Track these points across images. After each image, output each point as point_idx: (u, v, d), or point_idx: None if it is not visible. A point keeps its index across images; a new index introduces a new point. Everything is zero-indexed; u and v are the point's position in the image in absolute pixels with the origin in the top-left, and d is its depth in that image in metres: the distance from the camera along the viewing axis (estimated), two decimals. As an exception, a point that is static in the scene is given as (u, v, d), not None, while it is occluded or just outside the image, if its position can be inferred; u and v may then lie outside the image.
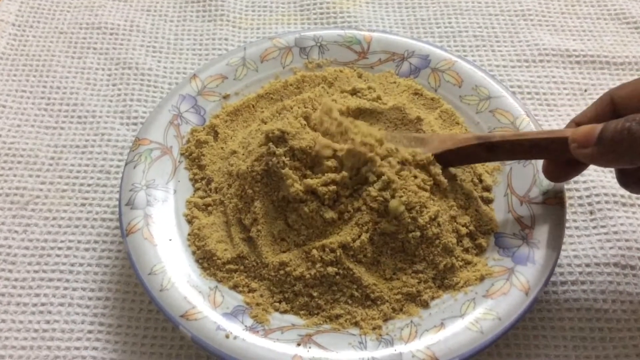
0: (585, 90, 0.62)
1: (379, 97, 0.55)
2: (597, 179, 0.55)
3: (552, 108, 0.61)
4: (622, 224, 0.52)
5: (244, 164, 0.49)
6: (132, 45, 0.66)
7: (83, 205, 0.54)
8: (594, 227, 0.52)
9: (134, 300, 0.49)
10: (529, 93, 0.62)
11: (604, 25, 0.68)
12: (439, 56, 0.58)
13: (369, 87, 0.56)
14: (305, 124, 0.50)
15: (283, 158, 0.47)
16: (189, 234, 0.49)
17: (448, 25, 0.68)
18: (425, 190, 0.47)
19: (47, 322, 0.48)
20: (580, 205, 0.54)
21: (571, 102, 0.61)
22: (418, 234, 0.46)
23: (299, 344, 0.43)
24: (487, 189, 0.51)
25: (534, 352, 0.46)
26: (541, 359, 0.46)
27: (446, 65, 0.57)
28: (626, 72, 0.64)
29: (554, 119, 0.60)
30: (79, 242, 0.52)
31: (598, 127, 0.41)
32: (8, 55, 0.65)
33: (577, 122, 0.46)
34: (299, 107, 0.52)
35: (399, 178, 0.46)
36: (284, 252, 0.47)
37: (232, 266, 0.47)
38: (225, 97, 0.56)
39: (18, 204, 0.54)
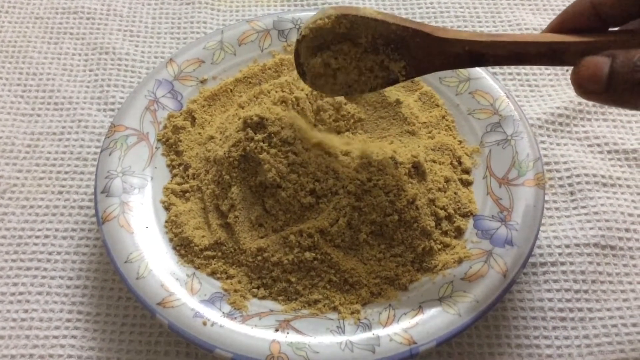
0: (567, 70, 0.62)
1: (358, 80, 0.55)
2: (578, 160, 0.55)
3: (533, 89, 0.60)
4: (602, 205, 0.52)
5: (221, 150, 0.49)
6: (109, 30, 0.65)
7: (60, 193, 0.54)
8: (574, 208, 0.52)
9: (112, 288, 0.49)
10: (510, 74, 0.61)
11: (586, 4, 0.67)
12: (419, 37, 0.57)
13: (348, 70, 0.55)
14: (285, 109, 0.49)
15: (261, 144, 0.46)
16: (166, 221, 0.48)
17: (430, 5, 0.67)
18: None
19: (25, 311, 0.48)
20: (561, 186, 0.54)
21: (552, 82, 0.61)
22: (396, 217, 0.46)
23: (277, 330, 0.43)
24: (467, 171, 0.51)
25: (513, 333, 0.46)
26: (521, 340, 0.46)
27: (426, 47, 0.57)
28: (608, 51, 0.63)
29: (535, 99, 0.59)
30: (56, 230, 0.52)
31: (605, 65, 0.34)
32: (-17, 42, 0.64)
33: (552, 30, 0.40)
34: (276, 92, 0.51)
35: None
36: (261, 237, 0.46)
37: (209, 253, 0.47)
38: (203, 81, 0.56)
39: (-6, 192, 0.54)
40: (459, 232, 0.48)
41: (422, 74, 0.43)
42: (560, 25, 0.39)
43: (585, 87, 0.35)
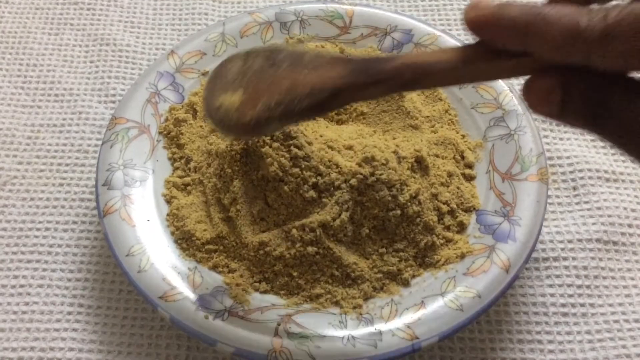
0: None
1: (360, 73, 0.54)
2: (581, 154, 0.54)
3: (536, 83, 0.60)
4: (605, 200, 0.52)
5: (223, 143, 0.48)
6: (110, 21, 0.64)
7: (61, 185, 0.53)
8: (577, 203, 0.52)
9: (113, 281, 0.48)
10: (513, 67, 0.61)
11: (590, -3, 0.67)
12: (422, 31, 0.57)
13: (351, 63, 0.55)
14: None
15: (263, 137, 0.46)
16: (167, 214, 0.48)
17: (433, -2, 0.67)
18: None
19: (26, 304, 0.47)
20: (564, 180, 0.53)
21: (556, 76, 0.60)
22: (398, 212, 0.45)
23: (278, 324, 0.43)
24: (469, 165, 0.51)
25: (515, 328, 0.46)
26: (523, 335, 0.46)
27: (429, 40, 0.56)
28: (612, 45, 0.63)
29: (538, 93, 0.59)
30: (57, 222, 0.51)
31: (555, 94, 0.29)
32: (-18, 32, 0.63)
33: (472, 19, 0.30)
34: (278, 84, 0.51)
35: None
36: (263, 231, 0.46)
37: (211, 246, 0.46)
38: (204, 73, 0.55)
39: (-5, 184, 0.53)
40: (462, 227, 0.48)
41: None
42: (484, 22, 0.30)
43: (538, 109, 0.30)
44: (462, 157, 0.51)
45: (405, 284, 0.45)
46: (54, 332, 0.46)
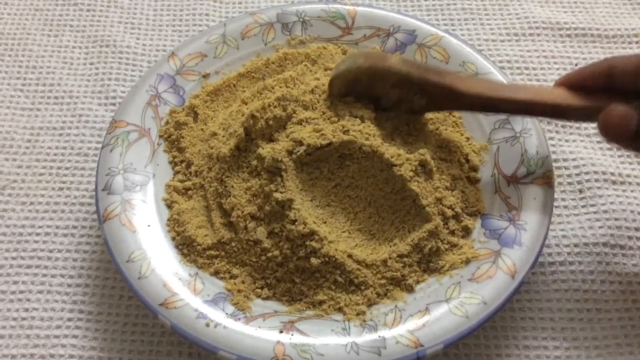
0: (576, 65, 0.60)
1: (363, 75, 0.54)
2: (587, 157, 0.54)
3: (542, 83, 0.59)
4: (612, 203, 0.51)
5: (225, 147, 0.48)
6: (110, 22, 0.64)
7: (61, 189, 0.53)
8: (583, 206, 0.51)
9: (114, 287, 0.48)
10: (518, 68, 0.60)
11: (596, -4, 0.66)
12: (426, 31, 0.56)
13: (354, 65, 0.55)
14: None
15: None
16: (168, 219, 0.47)
17: (437, -3, 0.66)
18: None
19: (26, 310, 0.47)
20: (570, 183, 0.53)
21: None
22: (402, 216, 0.45)
23: (281, 331, 0.42)
24: (474, 169, 0.50)
25: (521, 334, 0.46)
26: (529, 341, 0.45)
27: (433, 41, 0.56)
28: (618, 45, 0.62)
29: (543, 94, 0.58)
30: (57, 227, 0.51)
31: (633, 118, 0.40)
32: (-19, 34, 0.63)
33: (562, 83, 0.45)
34: (280, 87, 0.50)
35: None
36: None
37: (212, 252, 0.46)
38: (205, 76, 0.55)
39: (-6, 189, 0.53)
40: (467, 232, 0.47)
41: (442, 110, 0.51)
42: (572, 81, 0.45)
43: (611, 133, 0.41)
44: (467, 160, 0.50)
45: (410, 289, 0.45)
46: (54, 338, 0.46)
